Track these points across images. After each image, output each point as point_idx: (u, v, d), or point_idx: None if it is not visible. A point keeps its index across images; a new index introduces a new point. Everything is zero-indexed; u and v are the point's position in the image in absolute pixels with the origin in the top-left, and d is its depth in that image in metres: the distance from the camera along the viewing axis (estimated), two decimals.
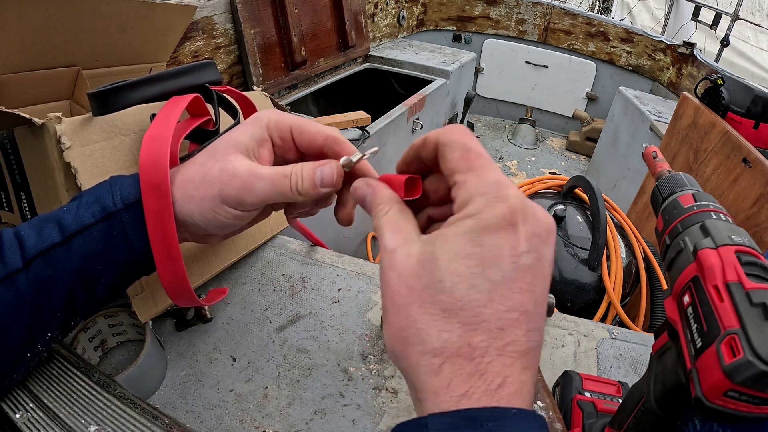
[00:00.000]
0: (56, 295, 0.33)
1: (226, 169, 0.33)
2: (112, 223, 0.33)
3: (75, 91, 0.71)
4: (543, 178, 1.25)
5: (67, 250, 0.32)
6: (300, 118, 0.37)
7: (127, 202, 0.34)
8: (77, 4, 0.62)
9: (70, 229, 0.32)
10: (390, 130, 1.60)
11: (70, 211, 0.33)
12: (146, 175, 0.34)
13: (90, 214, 0.33)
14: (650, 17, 5.08)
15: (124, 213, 0.34)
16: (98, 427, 0.32)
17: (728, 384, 0.22)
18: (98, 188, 0.35)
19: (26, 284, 0.31)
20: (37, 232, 0.32)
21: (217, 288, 0.52)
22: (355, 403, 0.46)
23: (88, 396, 0.34)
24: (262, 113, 0.36)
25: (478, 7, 3.02)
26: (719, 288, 0.25)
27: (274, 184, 0.33)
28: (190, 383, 0.47)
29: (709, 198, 0.32)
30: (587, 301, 0.99)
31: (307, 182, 0.33)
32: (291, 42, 1.55)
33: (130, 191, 0.34)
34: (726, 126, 1.24)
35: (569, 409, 0.43)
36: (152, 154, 0.35)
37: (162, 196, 0.33)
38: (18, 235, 0.32)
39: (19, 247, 0.32)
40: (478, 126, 3.24)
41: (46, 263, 0.32)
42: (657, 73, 2.66)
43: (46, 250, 0.32)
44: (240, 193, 0.33)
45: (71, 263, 0.32)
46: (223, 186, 0.33)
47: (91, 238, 0.33)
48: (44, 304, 0.32)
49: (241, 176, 0.33)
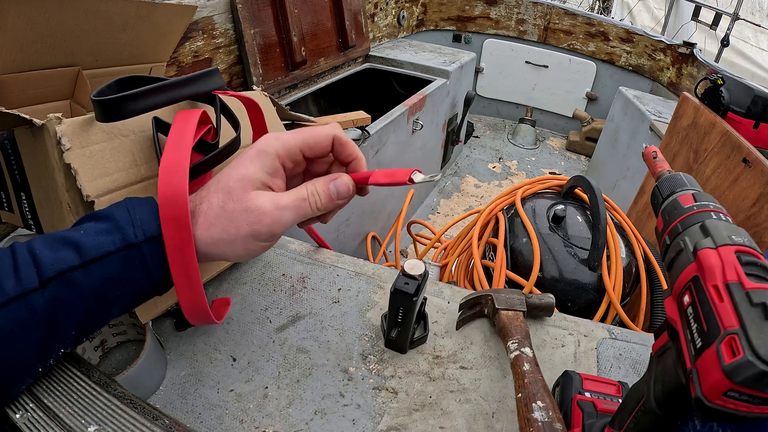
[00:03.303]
0: (72, 316, 0.33)
1: (252, 209, 0.34)
2: (132, 254, 0.34)
3: (75, 91, 0.71)
4: (543, 178, 1.25)
5: (86, 274, 0.32)
6: (302, 133, 0.37)
7: (148, 235, 0.34)
8: (77, 4, 0.62)
9: (90, 254, 0.32)
10: (390, 130, 1.60)
11: (88, 234, 0.33)
12: (166, 209, 0.34)
13: (111, 241, 0.33)
14: (650, 17, 5.08)
15: (144, 245, 0.34)
16: (98, 427, 0.32)
17: (728, 384, 0.22)
18: (116, 213, 0.34)
19: (42, 303, 0.31)
20: (53, 251, 0.32)
21: (221, 299, 0.53)
22: (355, 403, 0.46)
23: (88, 396, 0.34)
24: (267, 143, 0.36)
25: (478, 7, 3.02)
26: (719, 288, 0.25)
27: (297, 210, 0.36)
28: (190, 383, 0.47)
29: (709, 198, 0.32)
30: (587, 301, 0.99)
31: (325, 199, 0.37)
32: (291, 42, 1.55)
33: (151, 224, 0.34)
34: (726, 126, 1.24)
35: (569, 409, 0.43)
36: (172, 187, 0.35)
37: (182, 229, 0.34)
38: (32, 252, 0.32)
39: (35, 265, 0.31)
40: (478, 126, 3.24)
41: (64, 285, 0.32)
42: (657, 73, 2.67)
43: (63, 271, 0.32)
44: (272, 228, 0.35)
45: (89, 287, 0.33)
46: (254, 225, 0.35)
47: (111, 264, 0.33)
48: (59, 324, 0.33)
49: (270, 213, 0.35)
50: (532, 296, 0.56)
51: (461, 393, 0.48)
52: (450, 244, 1.39)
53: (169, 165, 0.36)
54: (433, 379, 0.49)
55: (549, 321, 0.57)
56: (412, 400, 0.46)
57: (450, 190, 2.50)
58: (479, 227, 1.18)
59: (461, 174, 2.67)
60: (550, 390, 0.45)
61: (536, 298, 0.55)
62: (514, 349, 0.47)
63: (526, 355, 0.46)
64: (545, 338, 0.55)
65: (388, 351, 0.51)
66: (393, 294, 0.46)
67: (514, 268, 1.05)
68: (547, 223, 1.07)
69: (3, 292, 0.30)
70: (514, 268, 1.05)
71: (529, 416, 0.40)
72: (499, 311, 0.53)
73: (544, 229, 1.06)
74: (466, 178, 2.63)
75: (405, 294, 0.45)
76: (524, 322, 0.52)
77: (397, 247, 1.58)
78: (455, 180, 2.60)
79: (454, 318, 0.55)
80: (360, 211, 1.59)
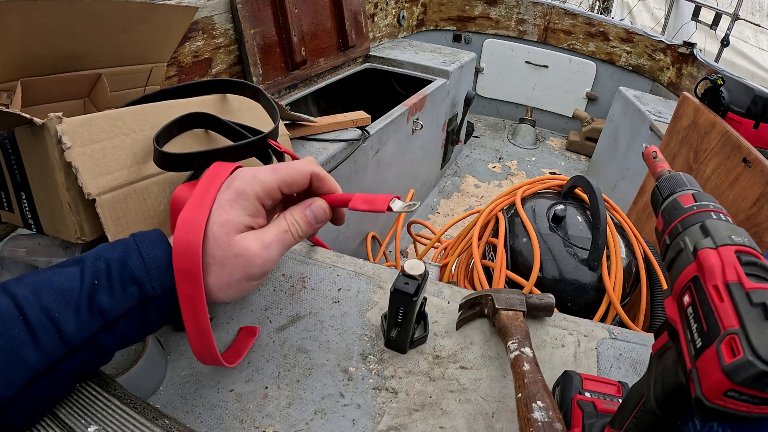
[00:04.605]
0: (96, 367, 0.34)
1: (241, 254, 0.35)
2: (149, 306, 0.34)
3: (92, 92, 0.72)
4: (543, 178, 1.25)
5: (111, 333, 0.33)
6: (280, 172, 0.38)
7: (165, 288, 0.34)
8: (78, 7, 0.62)
9: (112, 314, 0.32)
10: (390, 130, 1.60)
11: (102, 288, 0.32)
12: (180, 262, 0.34)
13: (130, 297, 0.33)
14: (650, 17, 5.08)
15: (160, 299, 0.34)
16: (98, 427, 0.32)
17: (728, 384, 0.22)
18: (126, 256, 0.34)
19: (70, 368, 0.31)
20: (74, 312, 0.31)
21: (247, 328, 0.52)
22: (355, 403, 0.46)
23: (88, 396, 0.34)
24: (244, 185, 0.37)
25: (478, 7, 3.02)
26: (719, 288, 0.25)
27: (282, 243, 0.38)
28: (190, 383, 0.47)
29: (709, 198, 0.32)
30: (587, 301, 0.99)
31: (305, 226, 0.39)
32: (291, 42, 1.55)
33: (167, 277, 0.34)
34: (726, 126, 1.24)
35: (569, 409, 0.43)
36: (186, 240, 0.35)
37: (194, 281, 0.34)
38: (48, 314, 0.30)
39: (57, 331, 0.30)
40: (478, 126, 3.24)
41: (91, 348, 0.32)
42: (657, 73, 2.67)
43: (91, 336, 0.32)
44: (263, 267, 0.36)
45: (114, 343, 0.33)
46: (246, 269, 0.36)
47: (131, 319, 0.34)
48: (83, 377, 0.34)
49: (260, 254, 0.36)
50: (532, 296, 0.56)
51: (461, 393, 0.48)
52: (450, 244, 1.39)
53: (188, 217, 0.35)
54: (433, 379, 0.49)
55: (549, 321, 0.57)
56: (412, 400, 0.47)
57: (450, 190, 2.50)
58: (479, 227, 1.18)
59: (461, 174, 2.67)
60: (550, 390, 0.45)
61: (536, 298, 0.55)
62: (514, 349, 0.48)
63: (526, 355, 0.46)
64: (545, 338, 0.55)
65: (388, 351, 0.51)
66: (393, 294, 0.46)
67: (514, 268, 1.05)
68: (547, 223, 1.07)
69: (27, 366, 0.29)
70: (514, 268, 1.05)
71: (529, 416, 0.40)
72: (499, 311, 0.53)
73: (544, 229, 1.06)
74: (466, 178, 2.63)
75: (405, 294, 0.45)
76: (524, 322, 0.52)
77: (397, 247, 1.58)
78: (455, 180, 2.60)
79: (454, 318, 0.55)
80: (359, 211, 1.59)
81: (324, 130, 1.27)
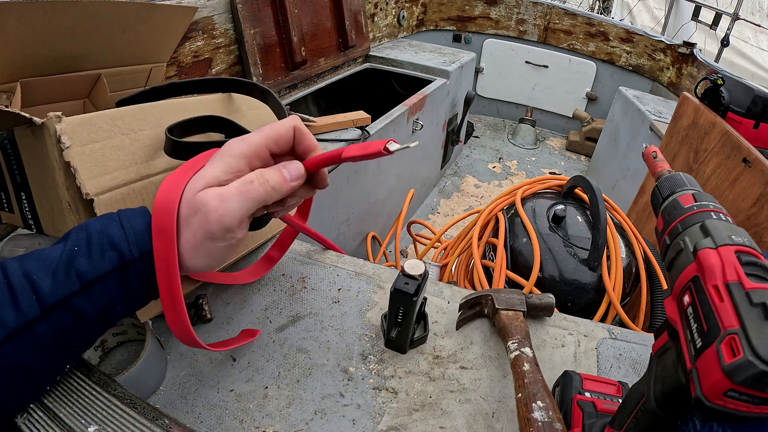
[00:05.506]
0: (77, 338, 0.33)
1: (200, 209, 0.33)
2: (128, 271, 0.33)
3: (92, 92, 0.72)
4: (543, 178, 1.25)
5: (88, 297, 0.32)
6: (264, 131, 0.37)
7: (143, 251, 0.34)
8: (78, 7, 0.62)
9: (88, 276, 0.32)
10: (390, 130, 1.60)
11: (80, 254, 0.32)
12: (156, 222, 0.34)
13: (108, 261, 0.32)
14: (650, 17, 5.08)
15: (139, 262, 0.34)
16: (98, 427, 0.32)
17: (728, 384, 0.22)
18: (107, 225, 0.34)
19: (46, 331, 0.31)
20: (51, 275, 0.31)
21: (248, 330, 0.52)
22: (355, 403, 0.46)
23: (88, 396, 0.34)
24: (231, 146, 0.36)
25: (478, 7, 3.02)
26: (719, 288, 0.25)
27: (244, 195, 0.34)
28: (190, 383, 0.47)
29: (709, 198, 0.32)
30: (587, 301, 0.99)
31: (277, 178, 0.36)
32: (291, 42, 1.55)
33: (145, 241, 0.34)
34: (726, 126, 1.24)
35: (569, 409, 0.43)
36: (164, 199, 0.34)
37: (167, 239, 0.33)
38: (29, 277, 0.31)
39: (34, 293, 0.31)
40: (478, 126, 3.24)
41: (66, 310, 0.31)
42: (657, 73, 2.67)
43: (65, 298, 0.31)
44: (220, 222, 0.33)
45: (93, 309, 0.32)
46: (204, 226, 0.33)
47: (109, 283, 0.33)
48: (65, 347, 0.33)
49: (215, 207, 0.33)
50: (532, 296, 0.56)
51: (461, 393, 0.48)
52: (450, 244, 1.39)
53: (170, 182, 0.35)
54: (433, 379, 0.49)
55: (549, 321, 0.57)
56: (412, 400, 0.46)
57: (450, 190, 2.50)
58: (479, 227, 1.18)
59: (461, 174, 2.66)
60: (550, 390, 0.45)
61: (536, 298, 0.55)
62: (514, 349, 0.47)
63: (526, 355, 0.46)
64: (545, 338, 0.54)
65: (388, 351, 0.51)
66: (393, 294, 0.46)
67: (514, 268, 1.05)
68: (547, 223, 1.07)
69: (4, 325, 0.29)
70: (514, 268, 1.05)
71: (529, 416, 0.40)
72: (499, 311, 0.53)
73: (544, 229, 1.06)
74: (466, 178, 2.63)
75: (405, 294, 0.45)
76: (524, 322, 0.52)
77: (397, 247, 1.58)
78: (455, 180, 2.60)
79: (454, 318, 0.55)
80: (360, 211, 1.59)
81: (324, 130, 1.27)
